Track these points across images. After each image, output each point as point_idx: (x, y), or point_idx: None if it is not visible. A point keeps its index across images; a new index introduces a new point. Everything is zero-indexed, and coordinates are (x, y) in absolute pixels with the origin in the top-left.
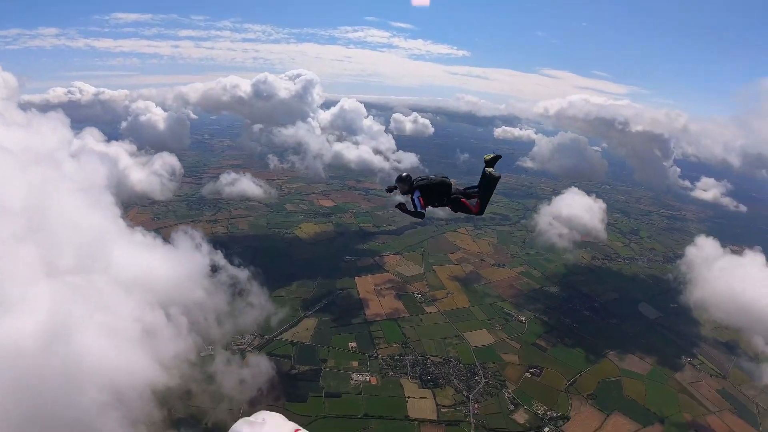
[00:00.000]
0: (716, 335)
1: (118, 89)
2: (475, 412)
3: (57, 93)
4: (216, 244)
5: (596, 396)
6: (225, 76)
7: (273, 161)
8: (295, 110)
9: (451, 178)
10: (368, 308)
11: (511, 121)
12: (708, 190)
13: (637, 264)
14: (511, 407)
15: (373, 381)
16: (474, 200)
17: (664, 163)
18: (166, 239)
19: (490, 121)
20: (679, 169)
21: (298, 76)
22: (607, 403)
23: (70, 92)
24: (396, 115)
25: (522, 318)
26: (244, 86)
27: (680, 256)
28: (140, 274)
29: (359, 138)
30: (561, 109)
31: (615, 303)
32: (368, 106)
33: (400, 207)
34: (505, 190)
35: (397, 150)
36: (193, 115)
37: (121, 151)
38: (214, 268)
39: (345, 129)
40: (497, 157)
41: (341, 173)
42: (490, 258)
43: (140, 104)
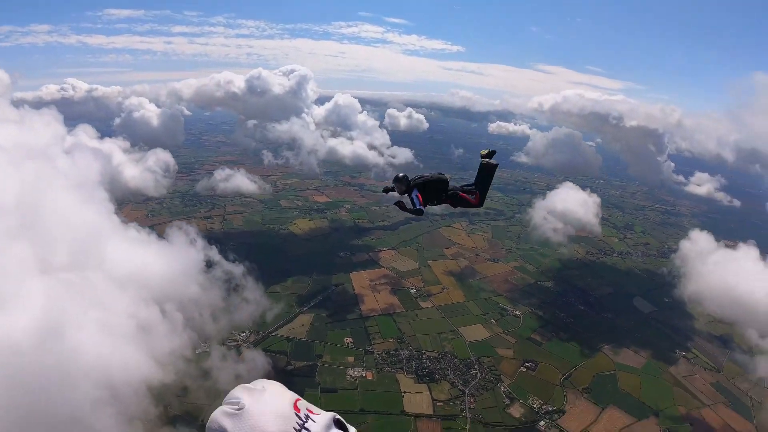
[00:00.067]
0: (710, 329)
1: (111, 86)
2: (471, 406)
3: (50, 90)
4: (211, 241)
5: (591, 390)
6: (219, 72)
7: (267, 157)
8: (289, 106)
9: (447, 174)
10: (363, 304)
11: (505, 116)
12: (702, 185)
13: (631, 258)
14: (507, 401)
15: (369, 376)
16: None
17: (659, 158)
18: (161, 236)
19: (485, 117)
20: (673, 164)
21: (292, 71)
22: (602, 397)
23: (63, 89)
24: (390, 111)
25: (517, 312)
26: (238, 82)
27: (674, 251)
28: (135, 271)
29: (354, 133)
30: (555, 104)
31: (610, 297)
32: (362, 101)
33: (399, 205)
34: (500, 185)
35: (392, 145)
36: (187, 112)
37: (114, 148)
38: (209, 264)
39: (339, 124)
40: (492, 152)
41: (336, 169)
42: (485, 253)
43: (133, 101)
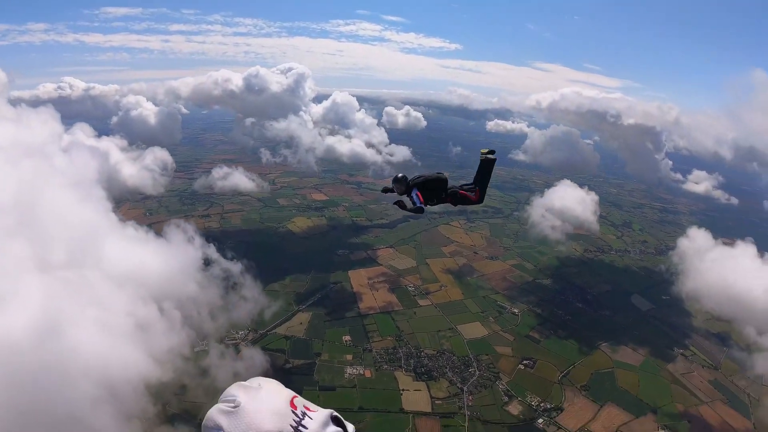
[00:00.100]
0: (708, 326)
1: (109, 84)
2: (470, 404)
3: (47, 89)
4: (209, 239)
5: (589, 387)
6: (216, 71)
7: (265, 155)
8: (287, 104)
9: (445, 172)
10: (362, 302)
11: (503, 114)
12: (699, 183)
13: (629, 256)
14: (505, 399)
15: (368, 374)
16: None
17: (656, 156)
18: (159, 234)
19: (483, 115)
20: (671, 162)
21: (289, 69)
22: (600, 394)
23: (60, 88)
24: (388, 109)
25: (515, 310)
26: (236, 80)
27: (672, 249)
28: (133, 269)
29: (351, 131)
30: (553, 102)
31: (608, 295)
32: (360, 99)
33: (399, 204)
34: (498, 183)
35: (390, 143)
36: (185, 110)
37: (112, 146)
38: (207, 262)
39: (337, 122)
40: (492, 152)
41: (334, 167)
42: (483, 251)
43: (131, 99)
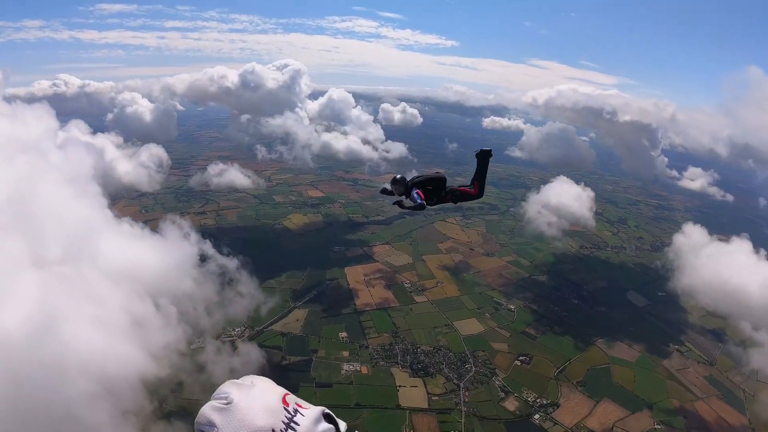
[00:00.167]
0: (703, 323)
1: (104, 81)
2: (466, 400)
3: (42, 86)
4: (204, 236)
5: (585, 383)
6: (212, 67)
7: (261, 152)
8: (282, 100)
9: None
10: (358, 298)
11: (499, 111)
12: (695, 180)
13: (625, 253)
14: (502, 395)
15: (364, 371)
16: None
17: (652, 153)
18: (155, 231)
19: (479, 111)
20: (666, 159)
21: (285, 66)
22: (596, 390)
23: (55, 85)
24: (384, 105)
25: (511, 307)
26: (232, 77)
27: (668, 245)
28: (128, 265)
29: (347, 128)
30: (549, 99)
31: (603, 291)
32: (356, 96)
33: (399, 204)
34: (494, 180)
35: (386, 140)
36: (180, 107)
37: (107, 143)
38: (203, 258)
39: (333, 119)
40: (488, 151)
41: (330, 164)
42: (479, 247)
43: (126, 96)
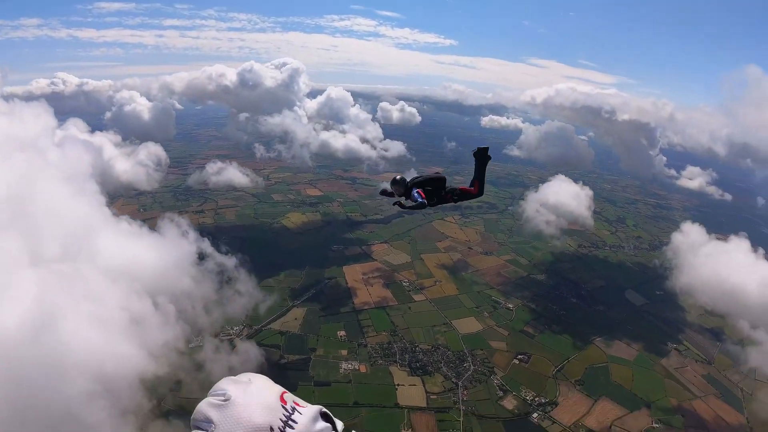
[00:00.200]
0: (702, 321)
1: (102, 80)
2: (465, 398)
3: (40, 84)
4: (203, 235)
5: (584, 382)
6: (210, 66)
7: (259, 151)
8: (281, 99)
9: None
10: (356, 297)
11: (497, 110)
12: (693, 179)
13: (623, 252)
14: (500, 393)
15: (363, 369)
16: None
17: (651, 152)
18: (153, 230)
19: (477, 110)
20: (665, 158)
21: (284, 64)
22: (594, 389)
23: (53, 83)
24: (383, 104)
25: (510, 305)
26: (230, 75)
27: (666, 244)
28: (127, 263)
29: (346, 127)
30: (548, 98)
31: (602, 290)
32: (355, 95)
33: (399, 204)
34: (492, 179)
35: (384, 139)
36: (179, 106)
37: (105, 142)
38: (201, 256)
39: (332, 118)
40: (485, 149)
41: (328, 162)
42: (477, 246)
43: (124, 94)
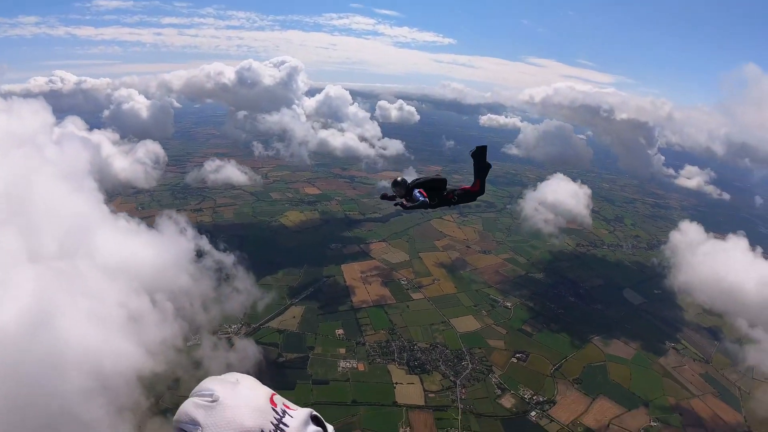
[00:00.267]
0: (699, 320)
1: (100, 78)
2: (463, 397)
3: (38, 82)
4: (201, 233)
5: (582, 380)
6: (209, 64)
7: (258, 149)
8: (279, 97)
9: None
10: (355, 295)
11: (496, 108)
12: (692, 179)
13: (621, 251)
14: (498, 392)
15: (361, 368)
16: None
17: (649, 152)
18: (151, 227)
19: (476, 109)
20: (663, 158)
21: (282, 63)
22: (592, 387)
23: (51, 81)
24: (381, 103)
25: (508, 304)
26: (228, 73)
27: (664, 243)
28: (125, 260)
29: (344, 125)
30: (546, 97)
31: (600, 289)
32: (353, 93)
33: (401, 205)
34: (491, 178)
35: (383, 137)
36: (177, 104)
37: (103, 140)
38: (199, 254)
39: (330, 116)
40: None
41: (326, 161)
42: (475, 245)
43: (123, 92)
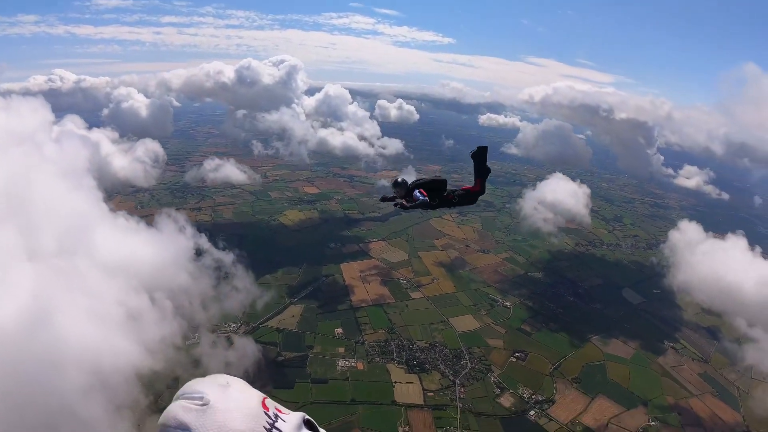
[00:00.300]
0: (698, 320)
1: (100, 76)
2: (462, 396)
3: (37, 81)
4: (200, 232)
5: (581, 380)
6: (208, 63)
7: (257, 148)
8: (279, 96)
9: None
10: (354, 294)
11: (495, 108)
12: (691, 178)
13: (620, 250)
14: (497, 391)
15: (360, 367)
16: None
17: (648, 151)
18: (150, 226)
19: (475, 108)
20: (662, 157)
21: (282, 61)
22: (591, 387)
23: (50, 80)
24: (381, 102)
25: (507, 303)
26: (228, 72)
27: (663, 243)
28: (124, 258)
29: (344, 124)
30: (546, 96)
31: (599, 288)
32: (353, 92)
33: (401, 206)
34: (490, 177)
35: (382, 136)
36: (176, 103)
37: (103, 138)
38: (199, 253)
39: (330, 115)
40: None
41: (326, 160)
42: (474, 244)
43: (122, 91)
